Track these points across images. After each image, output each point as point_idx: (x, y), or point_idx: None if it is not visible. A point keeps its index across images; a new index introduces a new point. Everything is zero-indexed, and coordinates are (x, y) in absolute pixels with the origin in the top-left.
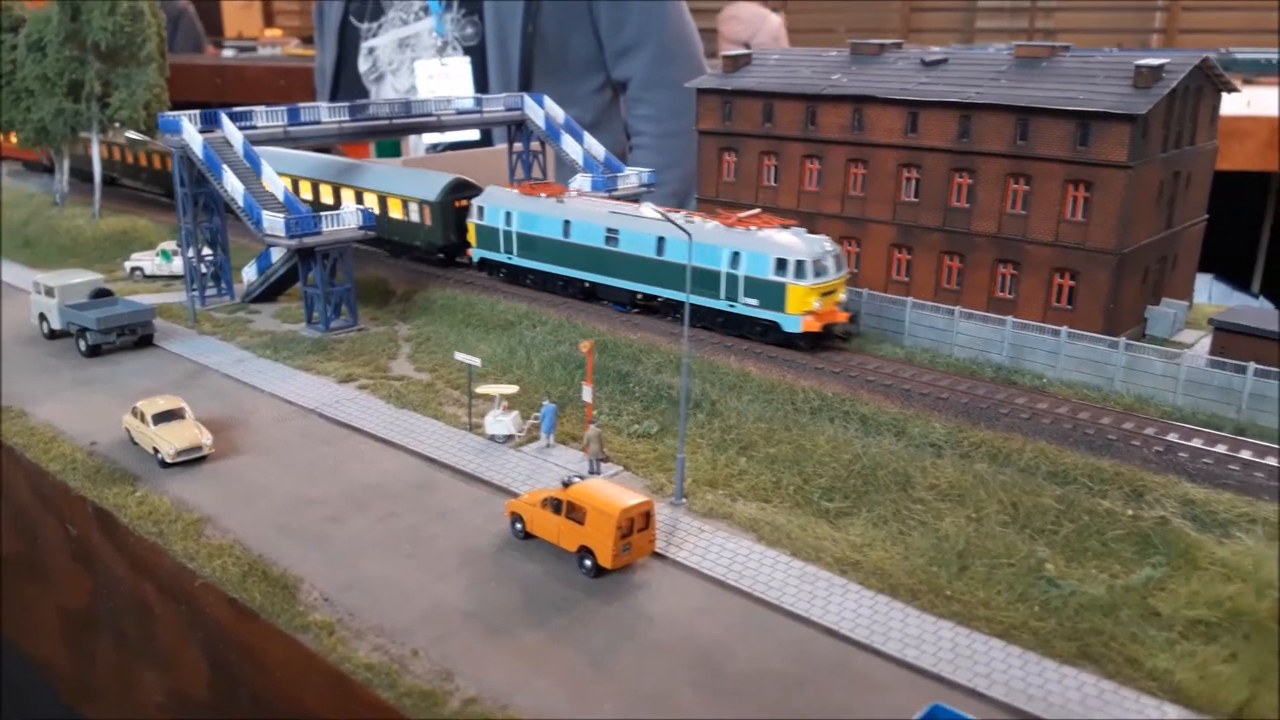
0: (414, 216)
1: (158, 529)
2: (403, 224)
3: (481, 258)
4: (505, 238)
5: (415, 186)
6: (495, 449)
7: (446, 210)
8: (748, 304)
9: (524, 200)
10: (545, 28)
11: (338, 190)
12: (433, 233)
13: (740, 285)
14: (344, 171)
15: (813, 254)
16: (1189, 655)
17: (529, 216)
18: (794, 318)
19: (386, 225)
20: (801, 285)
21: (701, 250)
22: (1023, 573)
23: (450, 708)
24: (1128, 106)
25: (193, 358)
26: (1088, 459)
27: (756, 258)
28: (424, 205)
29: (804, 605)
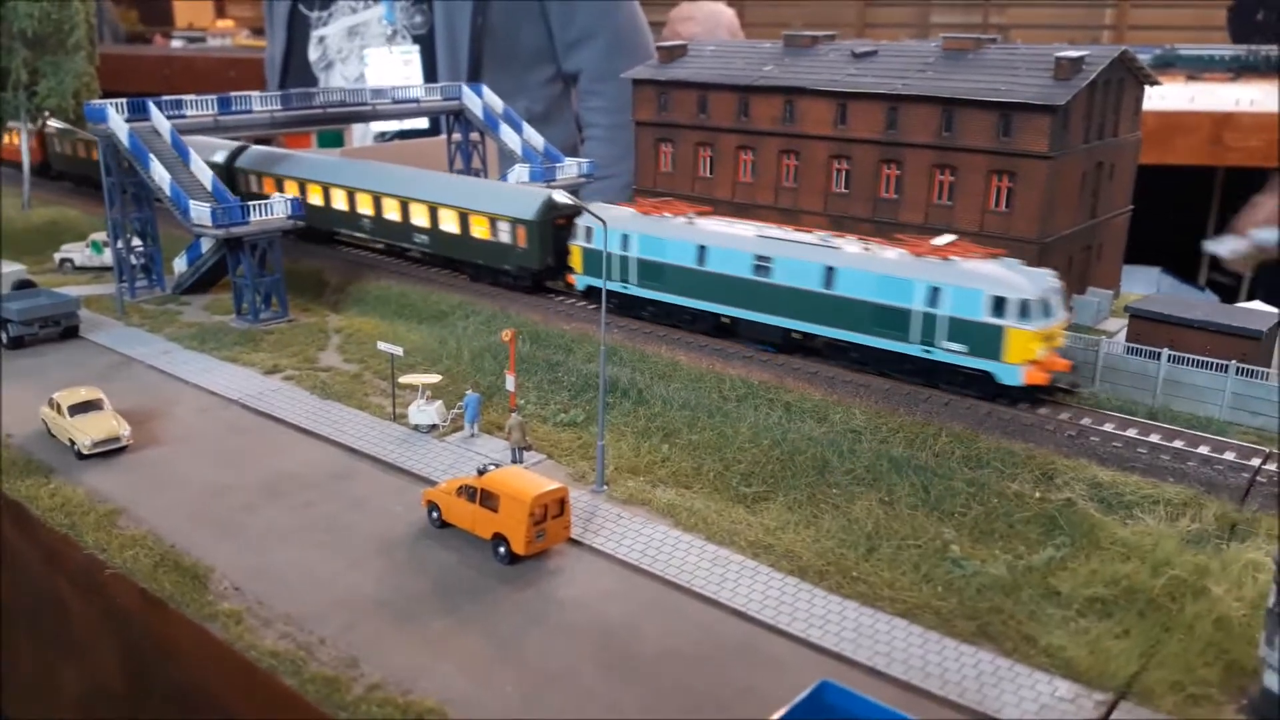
0: (504, 237)
1: (70, 520)
2: (488, 245)
3: (589, 286)
4: (621, 264)
5: (506, 203)
6: (418, 439)
7: (545, 230)
8: (950, 349)
9: (646, 221)
10: (495, 19)
11: (406, 205)
12: (527, 256)
13: (941, 327)
14: (411, 184)
15: (1039, 291)
16: (1083, 632)
17: (653, 240)
18: (1014, 367)
19: (465, 246)
20: (1025, 329)
21: (887, 284)
22: (929, 554)
23: (353, 694)
24: (1047, 98)
25: (118, 349)
26: (1001, 443)
27: (965, 294)
28: (518, 225)
29: (714, 588)
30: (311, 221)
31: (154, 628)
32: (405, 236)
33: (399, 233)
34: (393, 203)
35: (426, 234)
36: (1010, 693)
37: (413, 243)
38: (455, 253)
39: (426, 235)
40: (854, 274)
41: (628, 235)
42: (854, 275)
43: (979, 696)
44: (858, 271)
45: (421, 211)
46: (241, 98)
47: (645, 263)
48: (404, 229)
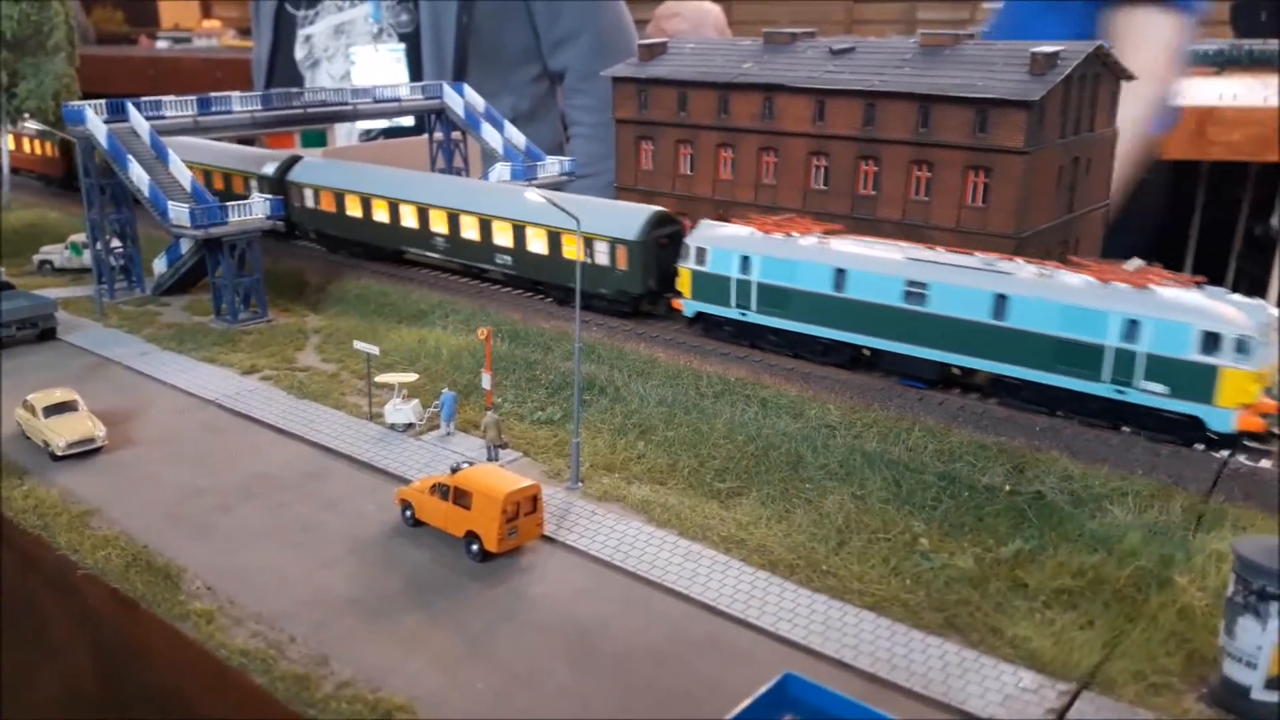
0: (601, 259)
1: (42, 521)
2: (583, 267)
3: (699, 312)
4: (740, 288)
5: (603, 221)
6: (394, 438)
7: (648, 251)
8: (1150, 391)
9: (770, 241)
10: (480, 17)
11: (487, 224)
12: (629, 279)
13: (1140, 365)
14: (494, 200)
15: (1257, 325)
16: (1049, 623)
17: (779, 263)
18: (1227, 412)
19: (555, 268)
20: (1242, 368)
21: (1073, 315)
22: (898, 547)
23: (323, 691)
24: (1023, 93)
25: (96, 350)
26: (974, 437)
27: (1170, 329)
28: (618, 245)
29: (685, 583)
30: (376, 240)
31: (125, 628)
32: (485, 257)
33: (478, 253)
34: (471, 220)
35: (510, 255)
36: (975, 683)
37: (494, 264)
38: (543, 275)
39: (510, 256)
40: (1031, 303)
41: (748, 257)
42: (1032, 304)
43: (944, 688)
44: (1036, 300)
45: (505, 230)
46: (221, 98)
47: (769, 287)
48: (484, 249)
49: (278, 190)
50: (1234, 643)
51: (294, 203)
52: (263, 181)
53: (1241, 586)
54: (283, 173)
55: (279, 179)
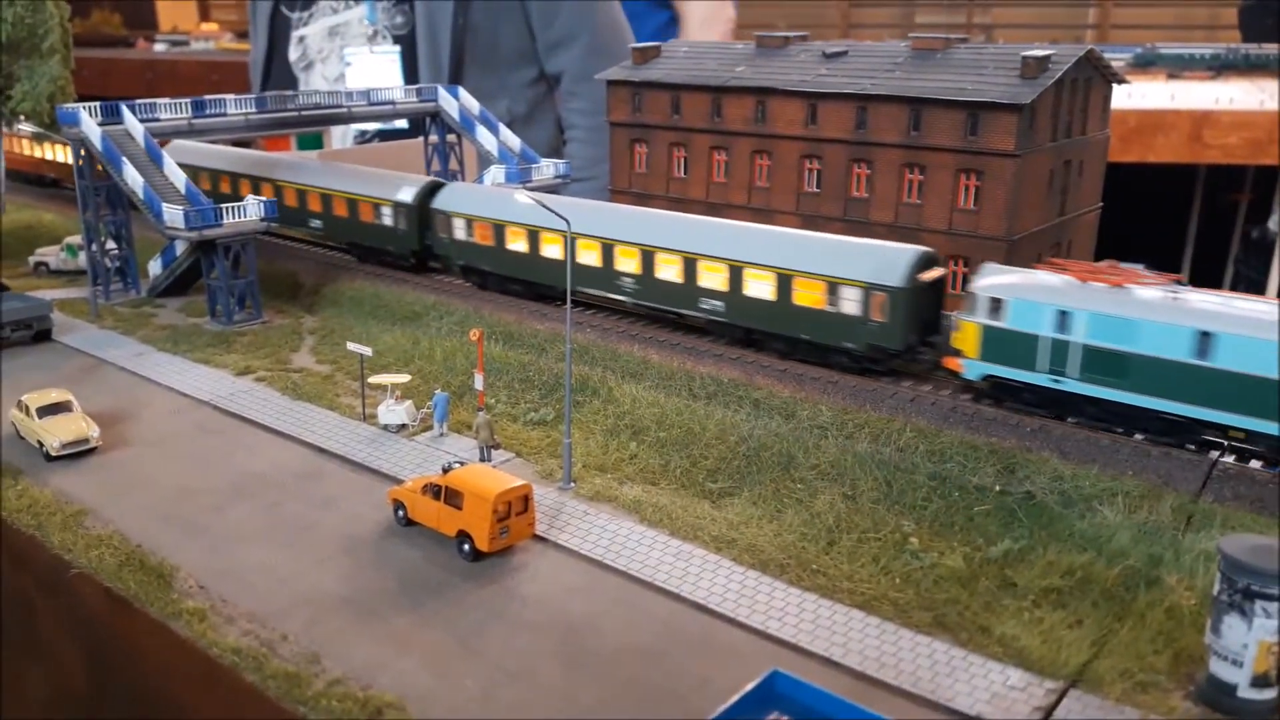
0: (850, 307)
1: (36, 521)
2: (822, 317)
3: (989, 375)
4: (1054, 350)
5: (852, 261)
6: (387, 438)
7: (913, 300)
8: None
9: (1097, 294)
10: (476, 19)
11: (691, 264)
12: (886, 332)
13: None
14: (701, 236)
15: None
16: (1037, 622)
17: (1113, 320)
18: None
19: (783, 316)
20: None
21: None
22: (888, 546)
23: (315, 689)
24: (1014, 96)
25: (91, 352)
26: (965, 437)
27: None
28: (874, 292)
29: (676, 582)
30: (544, 279)
31: (118, 627)
32: (686, 302)
33: (677, 297)
34: (671, 259)
35: (721, 299)
36: (963, 682)
37: (698, 310)
38: (765, 324)
39: (720, 301)
40: None
41: (1068, 312)
42: None
43: (932, 686)
44: None
45: (716, 271)
46: (216, 100)
47: (1099, 350)
48: (686, 293)
49: (420, 220)
50: (1220, 641)
51: (439, 233)
52: (399, 209)
53: (1227, 585)
54: (424, 199)
55: (419, 206)
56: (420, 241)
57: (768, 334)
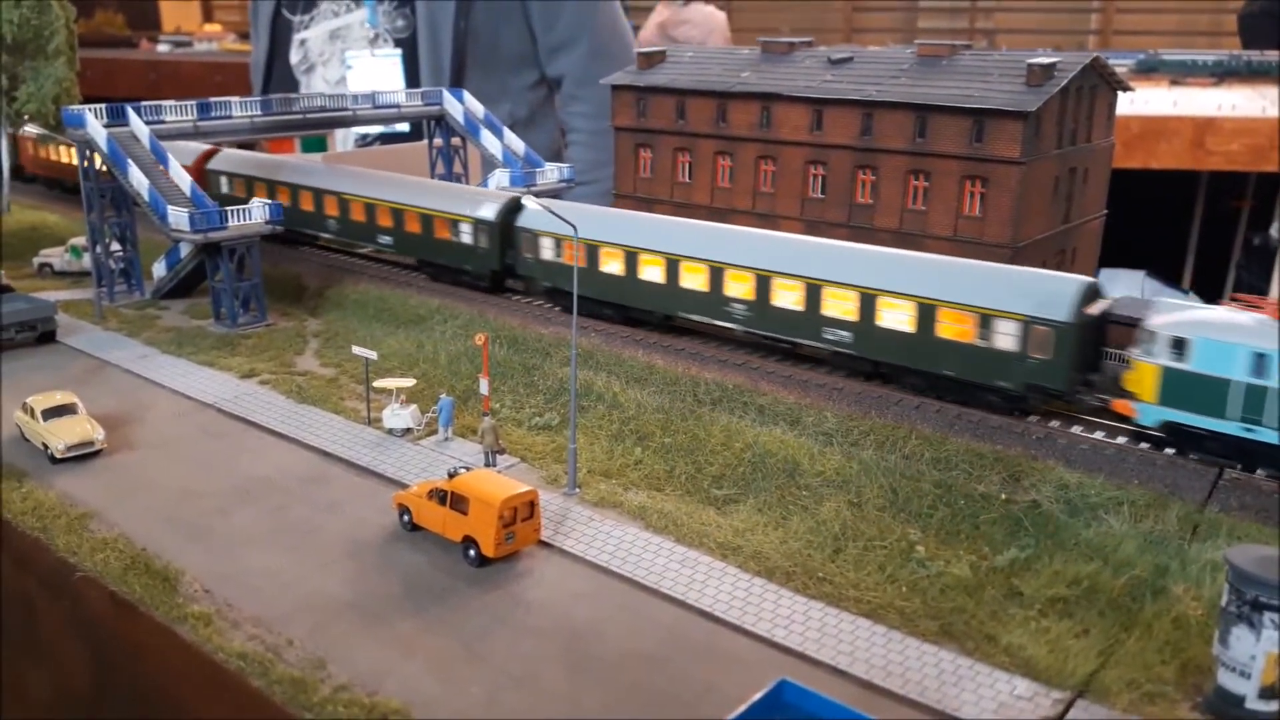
0: (1005, 341)
1: (41, 524)
2: (971, 351)
3: (1167, 421)
4: (1249, 396)
5: (1008, 291)
6: (392, 442)
7: (1081, 335)
8: None
9: None
10: (477, 22)
11: (814, 291)
12: (1049, 371)
13: None
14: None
15: None
16: (1044, 632)
17: None
18: None
19: (929, 351)
20: None
21: None
22: (894, 554)
23: (320, 694)
24: (1019, 104)
25: (95, 354)
26: (970, 445)
27: None
28: (1035, 326)
29: (681, 589)
30: (644, 303)
31: (123, 630)
32: (808, 332)
33: (797, 326)
34: (790, 285)
35: (850, 330)
36: (970, 691)
37: (821, 341)
38: (904, 358)
39: (849, 332)
40: None
41: (1265, 354)
42: None
43: (939, 695)
44: None
45: (844, 298)
46: (221, 103)
47: None
48: (807, 321)
49: (502, 238)
50: (1228, 652)
51: (524, 253)
52: (479, 226)
53: (1235, 596)
54: (507, 216)
55: (502, 224)
56: (501, 261)
57: (903, 369)
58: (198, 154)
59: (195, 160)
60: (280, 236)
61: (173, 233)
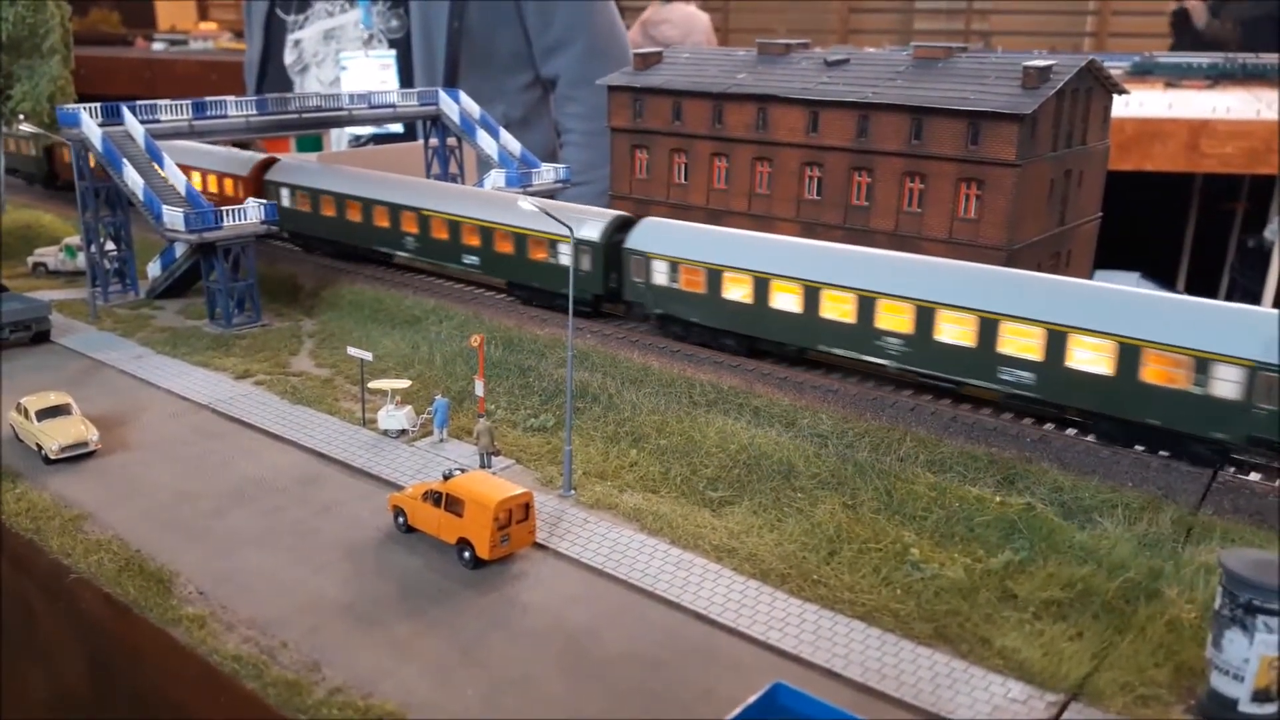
0: (1225, 390)
1: (34, 525)
2: (1183, 399)
3: None
4: None
5: (1219, 330)
6: (387, 444)
7: None
8: None
9: None
10: (472, 23)
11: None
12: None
13: None
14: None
15: None
16: (1038, 634)
17: None
18: None
19: (1123, 395)
20: None
21: None
22: (889, 557)
23: (315, 697)
24: (1015, 106)
25: (89, 354)
26: (965, 448)
27: None
28: (1265, 374)
29: (676, 591)
30: (774, 334)
31: (117, 632)
32: (980, 371)
33: (967, 365)
34: (961, 319)
35: (1032, 370)
36: (964, 694)
37: (996, 381)
38: (1098, 403)
39: (1031, 373)
40: None
41: None
42: None
43: (933, 698)
44: None
45: (1027, 336)
46: (217, 102)
47: None
48: (979, 360)
49: (606, 260)
50: (1221, 655)
51: (633, 277)
52: (581, 247)
53: (1229, 600)
54: (612, 237)
55: (606, 245)
56: (605, 284)
57: (1098, 415)
58: (252, 163)
59: (251, 169)
60: (349, 253)
61: (167, 232)
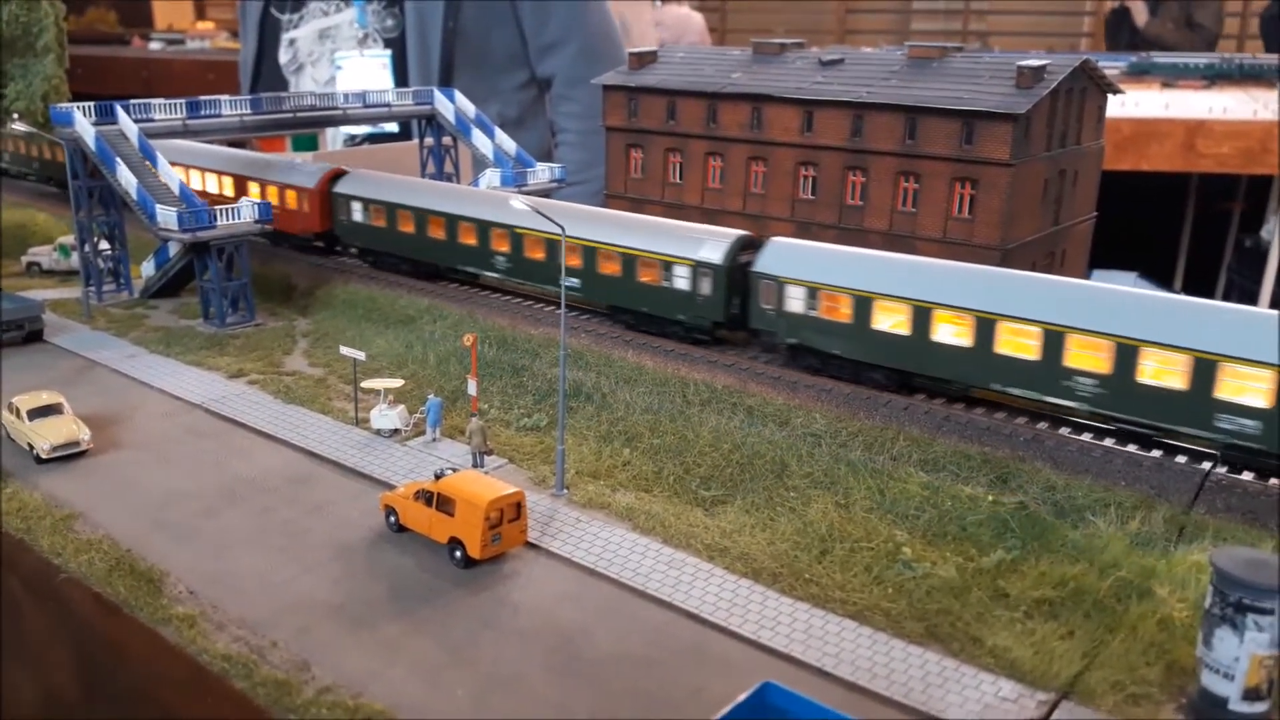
0: None
1: (25, 525)
2: None
3: None
4: None
5: None
6: (380, 443)
7: None
8: None
9: None
10: (467, 22)
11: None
12: None
13: None
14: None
15: None
16: (1029, 633)
17: None
18: None
19: None
20: None
21: None
22: (881, 556)
23: (304, 696)
24: (1009, 106)
25: (82, 353)
26: (958, 447)
27: None
28: None
29: (668, 590)
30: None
31: (107, 632)
32: (1193, 417)
33: (1177, 410)
34: (1171, 359)
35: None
36: (955, 693)
37: (1212, 429)
38: None
39: (1257, 421)
40: None
41: None
42: None
43: (924, 697)
44: None
45: (1255, 379)
46: (211, 101)
47: None
48: (1192, 405)
49: (728, 284)
50: (1212, 654)
51: (762, 303)
52: (700, 271)
53: (1219, 598)
54: (737, 258)
55: (731, 268)
56: (726, 311)
57: None
58: (319, 174)
59: (319, 181)
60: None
61: (161, 232)
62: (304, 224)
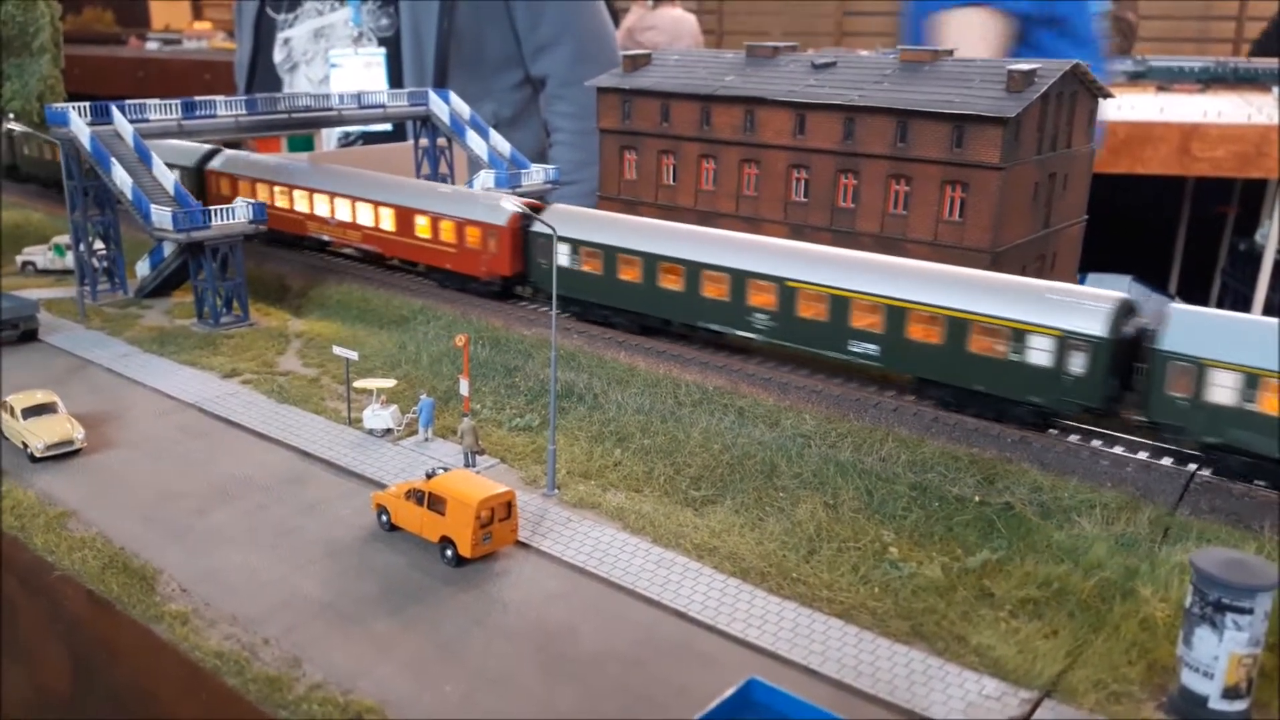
0: None
1: (19, 523)
2: None
3: None
4: None
5: None
6: (373, 443)
7: None
8: None
9: None
10: (461, 22)
11: None
12: None
13: None
14: None
15: None
16: (1013, 632)
17: None
18: None
19: None
20: None
21: None
22: (868, 556)
23: (295, 693)
24: (999, 109)
25: (77, 353)
26: (946, 448)
27: None
28: None
29: (657, 589)
30: None
31: (100, 629)
32: None
33: None
34: None
35: None
36: (939, 691)
37: None
38: None
39: None
40: None
41: None
42: None
43: (909, 695)
44: None
45: None
46: (206, 102)
47: None
48: None
49: (1112, 361)
50: (1192, 653)
51: (1169, 390)
52: (1070, 344)
53: (1199, 598)
54: (1123, 328)
55: (1116, 340)
56: (1104, 395)
57: None
58: (509, 211)
59: (510, 218)
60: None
61: (156, 231)
62: (489, 266)
